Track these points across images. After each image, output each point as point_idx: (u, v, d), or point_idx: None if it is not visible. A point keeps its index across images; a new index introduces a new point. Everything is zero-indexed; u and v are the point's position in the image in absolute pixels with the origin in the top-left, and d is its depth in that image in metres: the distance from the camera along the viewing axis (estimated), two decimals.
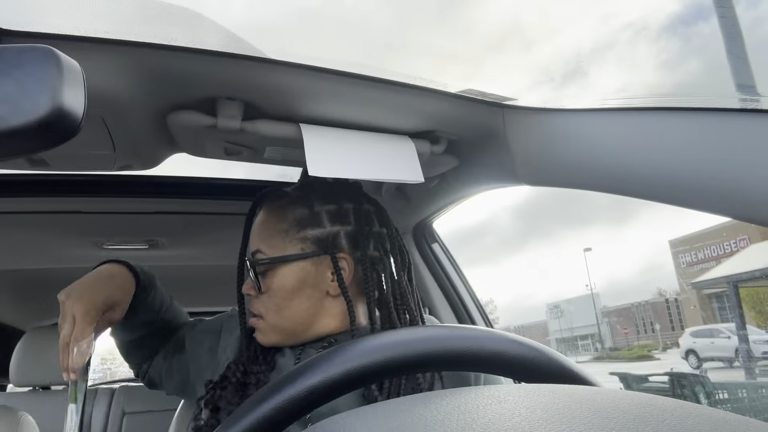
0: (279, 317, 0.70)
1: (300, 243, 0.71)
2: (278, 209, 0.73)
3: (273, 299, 0.70)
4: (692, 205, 0.53)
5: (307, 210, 0.72)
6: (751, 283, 10.79)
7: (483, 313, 1.30)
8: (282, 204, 0.73)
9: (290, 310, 0.70)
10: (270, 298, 0.70)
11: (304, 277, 0.70)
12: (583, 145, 0.63)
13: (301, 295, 0.70)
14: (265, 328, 0.71)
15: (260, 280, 0.71)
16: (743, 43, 3.73)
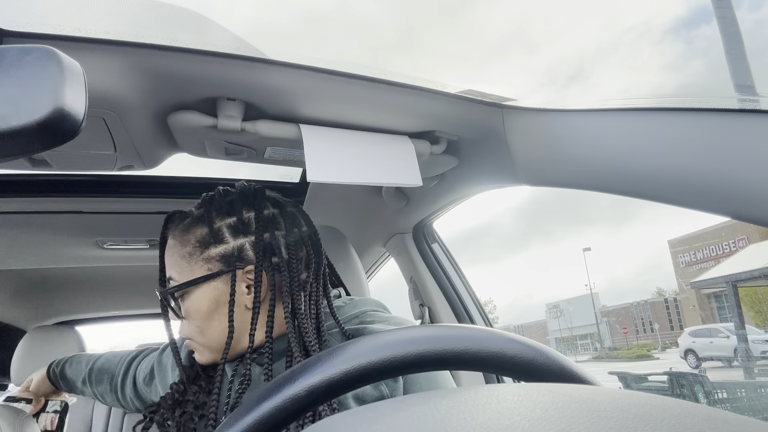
0: (204, 338, 0.70)
1: (206, 263, 0.68)
2: (181, 233, 0.70)
3: (193, 322, 0.69)
4: (692, 205, 0.53)
5: (207, 228, 0.69)
6: (750, 282, 10.78)
7: (482, 312, 1.30)
8: (184, 227, 0.71)
9: (212, 330, 0.69)
10: (190, 322, 0.70)
11: (217, 297, 0.68)
12: (582, 146, 0.63)
13: (219, 314, 0.68)
14: (198, 348, 0.71)
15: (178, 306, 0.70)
16: (742, 44, 3.73)
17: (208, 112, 0.68)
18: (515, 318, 67.10)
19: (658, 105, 0.55)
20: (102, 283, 1.90)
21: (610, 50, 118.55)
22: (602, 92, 6.62)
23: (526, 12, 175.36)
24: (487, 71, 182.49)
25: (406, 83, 0.68)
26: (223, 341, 0.68)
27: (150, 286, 2.04)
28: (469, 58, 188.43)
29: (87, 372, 1.02)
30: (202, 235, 0.69)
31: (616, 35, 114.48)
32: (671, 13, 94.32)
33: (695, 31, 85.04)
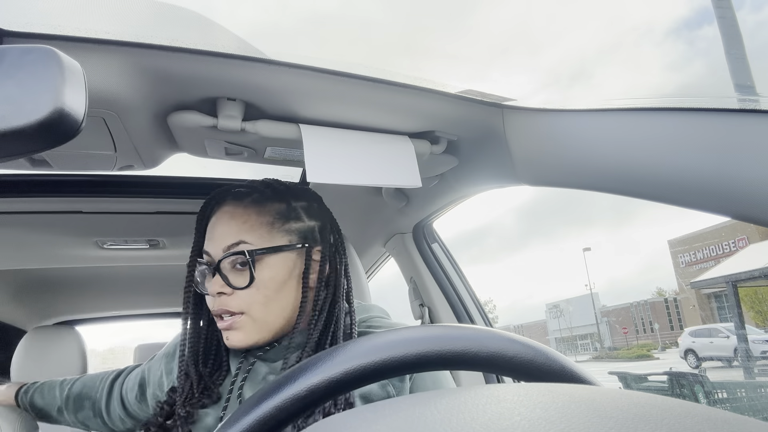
0: (266, 311, 0.67)
1: (287, 234, 0.70)
2: (254, 204, 0.71)
3: (262, 291, 0.67)
4: (692, 205, 0.53)
5: (285, 204, 0.72)
6: (750, 282, 10.78)
7: (482, 312, 1.30)
8: (255, 199, 0.71)
9: (278, 302, 0.68)
10: (258, 291, 0.66)
11: (292, 268, 0.69)
12: (582, 146, 0.63)
13: (287, 287, 0.69)
14: (247, 325, 0.67)
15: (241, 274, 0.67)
16: (742, 44, 3.73)
17: (208, 112, 0.68)
18: (516, 318, 67.13)
19: (658, 105, 0.55)
20: (102, 283, 1.90)
21: (612, 51, 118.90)
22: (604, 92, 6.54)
23: (528, 13, 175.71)
24: (490, 72, 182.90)
25: (406, 83, 0.68)
26: (281, 317, 0.69)
27: (150, 286, 2.04)
28: (472, 59, 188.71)
29: (63, 400, 0.96)
30: (280, 209, 0.71)
31: (618, 36, 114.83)
32: (673, 14, 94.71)
33: (697, 31, 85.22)
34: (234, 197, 0.72)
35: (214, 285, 0.67)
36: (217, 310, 0.67)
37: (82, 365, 1.73)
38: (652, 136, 0.55)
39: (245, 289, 0.66)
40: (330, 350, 0.32)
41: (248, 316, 0.67)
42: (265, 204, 0.71)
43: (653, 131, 0.55)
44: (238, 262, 0.67)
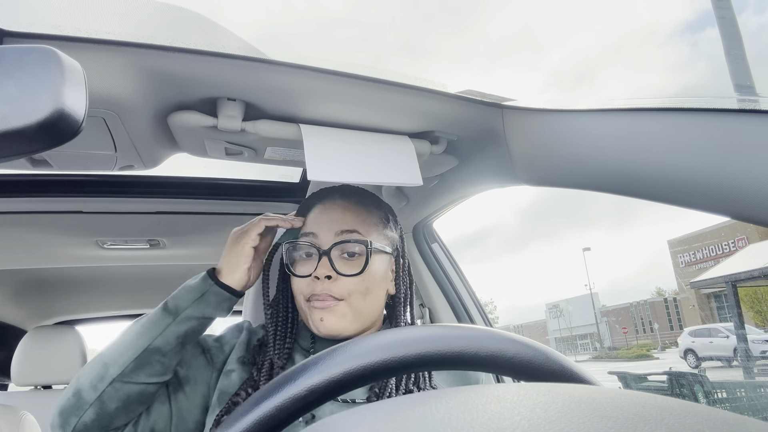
0: (364, 301, 0.71)
1: (386, 240, 0.76)
2: (361, 204, 0.76)
3: (365, 282, 0.70)
4: (692, 205, 0.53)
5: (383, 212, 0.79)
6: (750, 282, 10.78)
7: (482, 312, 1.30)
8: (361, 200, 0.77)
9: (375, 296, 0.72)
10: (363, 281, 0.70)
11: (387, 270, 0.75)
12: (582, 146, 0.63)
13: (382, 285, 0.74)
14: (344, 311, 0.69)
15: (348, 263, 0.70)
16: (742, 44, 3.73)
17: (208, 112, 0.68)
18: (516, 318, 67.13)
19: (658, 105, 0.55)
20: (102, 283, 1.90)
21: (616, 52, 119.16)
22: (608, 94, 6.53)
23: (533, 15, 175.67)
24: (494, 72, 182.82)
25: (406, 83, 0.68)
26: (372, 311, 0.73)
27: (150, 286, 2.04)
28: (476, 61, 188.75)
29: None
30: (381, 216, 0.77)
31: (621, 38, 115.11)
32: (676, 17, 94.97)
33: (700, 34, 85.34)
34: (341, 194, 0.77)
35: (323, 268, 0.69)
36: (321, 293, 0.69)
37: (82, 365, 1.73)
38: (652, 136, 0.55)
39: (352, 277, 0.70)
40: (330, 350, 0.32)
41: (347, 303, 0.70)
42: (370, 207, 0.77)
43: (653, 131, 0.55)
44: (348, 250, 0.71)
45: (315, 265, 0.70)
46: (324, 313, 0.69)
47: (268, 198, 1.27)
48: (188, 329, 0.67)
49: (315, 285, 0.69)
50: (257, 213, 1.33)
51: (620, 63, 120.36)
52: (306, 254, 0.72)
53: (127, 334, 0.66)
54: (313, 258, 0.71)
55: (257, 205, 1.27)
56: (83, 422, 0.61)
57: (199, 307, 0.67)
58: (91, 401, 0.62)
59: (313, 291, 0.69)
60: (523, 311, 78.21)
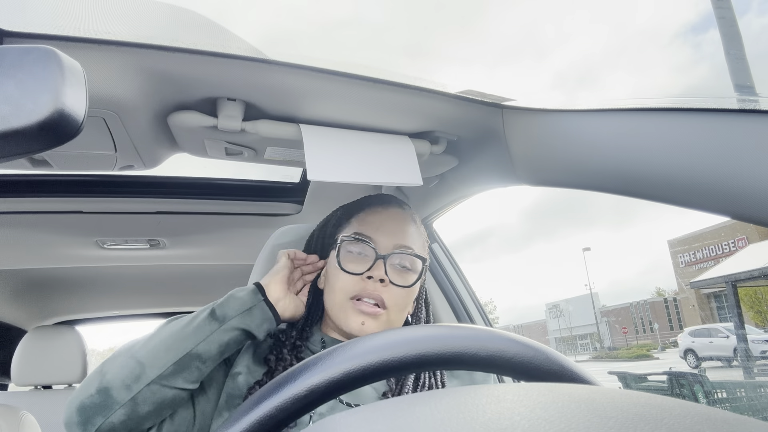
0: (400, 316, 0.71)
1: (427, 254, 0.78)
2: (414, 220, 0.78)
3: (409, 296, 0.72)
4: (692, 205, 0.53)
5: (424, 229, 0.80)
6: (750, 282, 10.78)
7: (482, 312, 1.30)
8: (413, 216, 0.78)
9: (406, 311, 0.73)
10: (407, 294, 0.71)
11: (419, 287, 0.76)
12: (581, 146, 0.63)
13: (412, 302, 0.75)
14: (383, 320, 0.70)
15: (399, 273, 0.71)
16: (742, 44, 3.73)
17: (208, 112, 0.68)
18: (517, 318, 67.14)
19: (658, 105, 0.55)
20: (102, 283, 1.90)
21: (619, 54, 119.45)
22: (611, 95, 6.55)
23: (536, 17, 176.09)
24: (498, 73, 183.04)
25: (406, 83, 0.68)
26: (401, 324, 0.74)
27: (150, 286, 2.04)
28: (480, 62, 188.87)
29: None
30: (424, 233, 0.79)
31: (625, 39, 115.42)
32: (679, 18, 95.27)
33: (703, 35, 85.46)
34: (398, 204, 0.78)
35: (378, 271, 0.69)
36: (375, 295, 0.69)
37: (82, 365, 1.73)
38: (652, 136, 0.55)
39: (400, 288, 0.70)
40: (330, 350, 0.32)
41: (388, 314, 0.70)
42: (418, 223, 0.79)
43: (653, 131, 0.55)
44: (403, 263, 0.72)
45: (369, 265, 0.69)
46: (367, 318, 0.68)
47: (268, 198, 1.27)
48: (230, 339, 0.65)
49: (365, 285, 0.69)
50: (257, 213, 1.33)
51: (624, 64, 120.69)
52: (359, 253, 0.72)
53: (166, 335, 0.63)
54: (367, 259, 0.71)
55: (257, 205, 1.27)
56: (111, 422, 0.58)
57: (245, 320, 0.66)
58: (123, 401, 0.59)
59: (363, 289, 0.69)
60: (524, 311, 78.24)
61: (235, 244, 1.45)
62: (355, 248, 0.72)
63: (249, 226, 1.34)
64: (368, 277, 0.69)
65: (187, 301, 2.22)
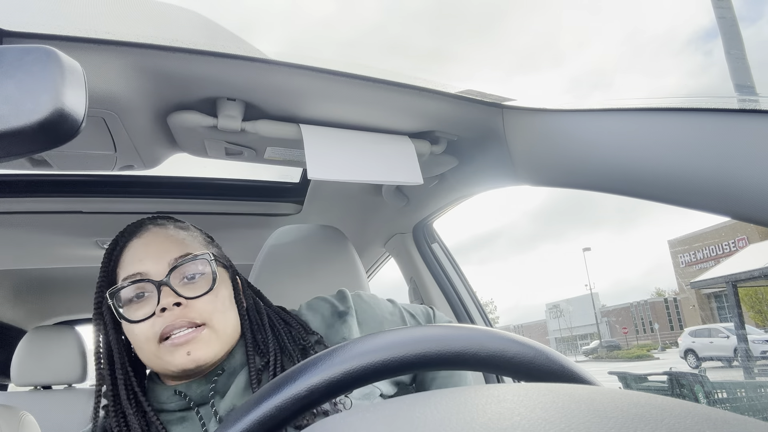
0: (225, 322, 0.64)
1: (217, 254, 0.69)
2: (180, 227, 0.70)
3: (219, 299, 0.64)
4: (692, 205, 0.53)
5: (201, 231, 0.72)
6: (750, 282, 10.77)
7: (482, 312, 1.30)
8: (177, 224, 0.70)
9: (232, 315, 0.66)
10: (216, 298, 0.63)
11: (230, 289, 0.68)
12: (582, 146, 0.63)
13: (232, 304, 0.68)
14: (212, 338, 0.62)
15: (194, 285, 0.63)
16: (742, 44, 3.73)
17: (208, 112, 0.68)
18: (519, 318, 67.11)
19: (658, 105, 0.55)
20: None
21: (633, 59, 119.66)
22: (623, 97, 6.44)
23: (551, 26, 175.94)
24: (515, 78, 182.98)
25: (406, 83, 0.68)
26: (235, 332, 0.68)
27: None
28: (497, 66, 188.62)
29: None
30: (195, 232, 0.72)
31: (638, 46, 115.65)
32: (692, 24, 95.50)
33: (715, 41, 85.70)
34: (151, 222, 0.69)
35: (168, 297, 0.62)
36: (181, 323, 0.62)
37: (81, 365, 1.73)
38: (652, 136, 0.55)
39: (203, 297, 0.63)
40: (330, 350, 0.32)
41: (209, 327, 0.63)
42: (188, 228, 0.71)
43: (653, 131, 0.55)
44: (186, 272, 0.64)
45: (155, 300, 0.61)
46: (189, 346, 0.60)
47: (268, 198, 1.27)
48: None
49: (164, 320, 0.60)
50: (257, 213, 1.33)
51: (637, 68, 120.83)
52: (137, 296, 0.63)
53: None
54: (148, 296, 0.62)
55: (257, 205, 1.27)
56: None
57: None
58: None
59: (165, 326, 0.60)
60: (525, 311, 78.19)
61: (234, 244, 1.45)
62: (129, 294, 0.63)
63: (249, 226, 1.34)
64: (162, 310, 0.60)
65: None
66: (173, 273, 0.62)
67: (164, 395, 0.65)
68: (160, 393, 0.65)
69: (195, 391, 0.64)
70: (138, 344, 0.63)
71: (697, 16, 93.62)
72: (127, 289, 0.63)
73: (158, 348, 0.61)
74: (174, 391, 0.64)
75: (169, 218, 0.71)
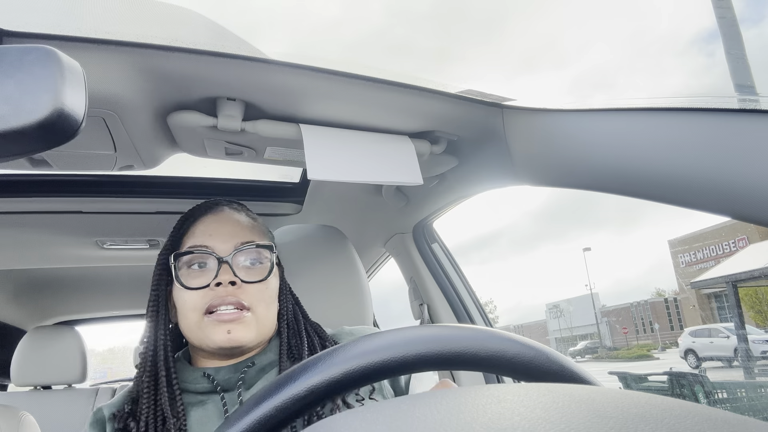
0: (267, 313, 0.67)
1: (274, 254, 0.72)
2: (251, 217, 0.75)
3: (269, 290, 0.67)
4: (692, 205, 0.53)
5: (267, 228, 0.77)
6: (750, 282, 10.77)
7: (482, 312, 1.30)
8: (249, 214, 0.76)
9: (274, 309, 0.70)
10: (266, 289, 0.67)
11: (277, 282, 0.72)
12: (582, 145, 0.63)
13: (277, 298, 0.71)
14: (253, 323, 0.64)
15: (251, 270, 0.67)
16: (742, 44, 3.73)
17: (208, 112, 0.68)
18: (519, 318, 67.05)
19: (658, 105, 0.55)
20: (102, 283, 1.90)
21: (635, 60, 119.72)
22: None
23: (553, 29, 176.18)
24: (518, 80, 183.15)
25: (406, 83, 0.68)
26: (273, 324, 0.71)
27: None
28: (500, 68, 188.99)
29: None
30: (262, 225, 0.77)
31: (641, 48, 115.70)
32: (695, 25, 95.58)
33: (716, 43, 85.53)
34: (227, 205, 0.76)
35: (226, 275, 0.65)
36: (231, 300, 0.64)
37: (82, 365, 1.73)
38: (652, 136, 0.55)
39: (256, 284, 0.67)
40: (330, 350, 0.32)
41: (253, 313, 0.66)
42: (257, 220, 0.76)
43: (653, 131, 0.55)
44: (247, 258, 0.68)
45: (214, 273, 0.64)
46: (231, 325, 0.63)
47: (268, 198, 1.27)
48: None
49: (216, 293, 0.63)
50: (257, 213, 1.33)
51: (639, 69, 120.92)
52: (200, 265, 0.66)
53: None
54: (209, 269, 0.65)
55: (257, 205, 1.27)
56: None
57: None
58: None
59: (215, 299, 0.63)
60: (526, 311, 78.15)
61: None
62: (193, 261, 0.66)
63: None
64: (217, 285, 0.63)
65: None
66: (236, 255, 0.66)
67: (191, 376, 0.66)
68: (187, 373, 0.67)
69: (223, 377, 0.65)
70: (183, 312, 0.65)
71: (699, 16, 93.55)
72: (190, 256, 0.66)
73: (201, 319, 0.63)
74: (203, 372, 0.66)
75: (243, 205, 0.77)
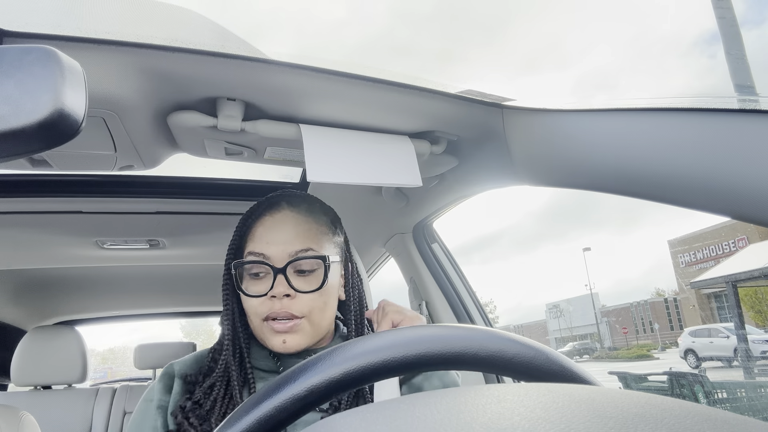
0: (322, 316, 0.70)
1: (336, 247, 0.75)
2: (310, 213, 0.73)
3: (323, 297, 0.70)
4: (692, 205, 0.53)
5: (329, 217, 0.76)
6: (750, 282, 10.77)
7: (482, 312, 1.30)
8: (309, 208, 0.74)
9: (331, 309, 0.72)
10: (320, 296, 0.69)
11: (338, 279, 0.75)
12: (582, 146, 0.63)
13: (335, 296, 0.74)
14: (307, 329, 0.68)
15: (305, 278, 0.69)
16: (742, 44, 3.73)
17: (208, 112, 0.68)
18: (520, 318, 67.08)
19: (658, 105, 0.55)
20: (102, 283, 1.90)
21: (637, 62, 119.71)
22: None
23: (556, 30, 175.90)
24: (521, 80, 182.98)
25: (406, 83, 0.68)
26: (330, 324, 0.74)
27: (150, 287, 2.04)
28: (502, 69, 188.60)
29: None
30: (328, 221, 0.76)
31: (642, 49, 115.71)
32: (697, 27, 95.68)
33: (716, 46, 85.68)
34: (287, 204, 0.73)
35: (280, 287, 0.67)
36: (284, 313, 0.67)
37: (82, 365, 1.73)
38: (652, 136, 0.55)
39: (310, 293, 0.68)
40: (330, 350, 0.32)
41: (307, 320, 0.69)
42: (317, 213, 0.75)
43: (653, 131, 0.55)
44: (302, 267, 0.69)
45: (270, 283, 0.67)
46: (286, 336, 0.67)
47: None
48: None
49: (273, 304, 0.67)
50: None
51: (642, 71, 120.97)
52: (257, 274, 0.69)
53: None
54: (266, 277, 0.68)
55: None
56: None
57: None
58: None
59: (272, 309, 0.67)
60: (526, 311, 78.15)
61: None
62: (252, 269, 0.70)
63: None
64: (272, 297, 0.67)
65: (186, 301, 2.22)
66: (291, 264, 0.68)
67: (260, 354, 0.73)
68: (257, 352, 0.73)
69: (288, 361, 0.72)
70: (248, 313, 0.71)
71: (701, 18, 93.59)
72: (250, 264, 0.70)
73: (262, 324, 0.69)
74: (270, 352, 0.72)
75: (303, 199, 0.76)
